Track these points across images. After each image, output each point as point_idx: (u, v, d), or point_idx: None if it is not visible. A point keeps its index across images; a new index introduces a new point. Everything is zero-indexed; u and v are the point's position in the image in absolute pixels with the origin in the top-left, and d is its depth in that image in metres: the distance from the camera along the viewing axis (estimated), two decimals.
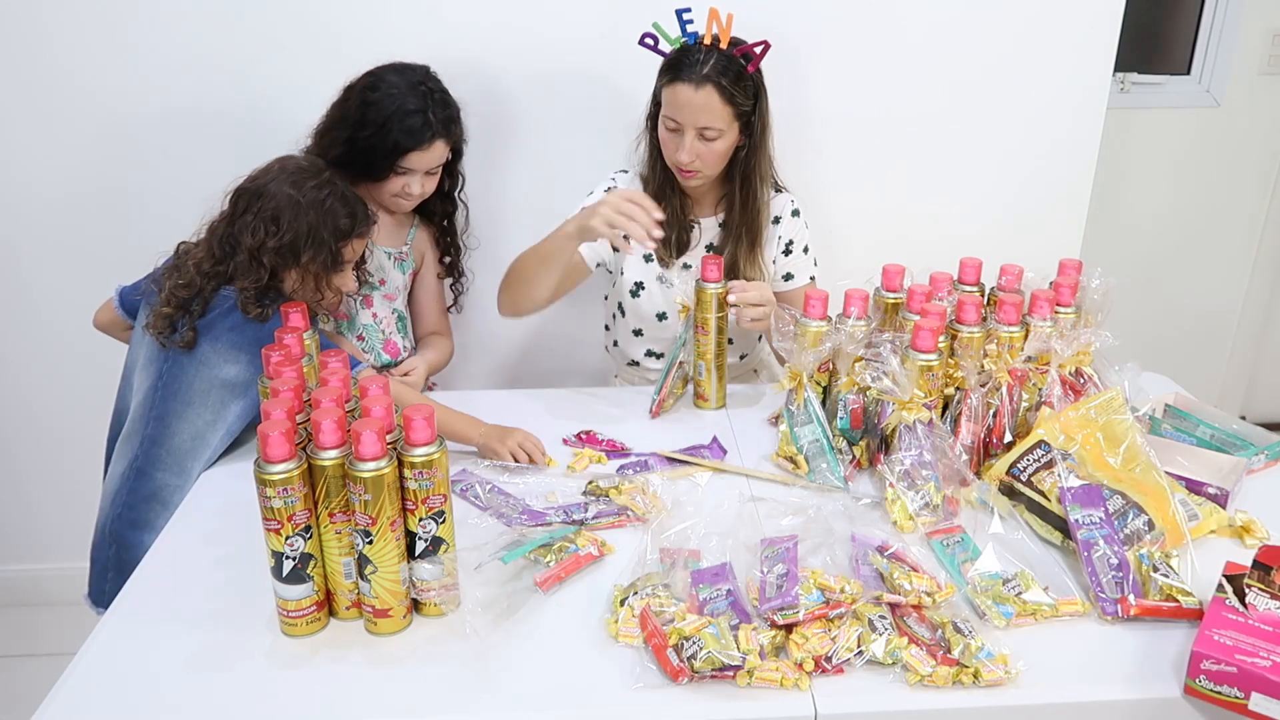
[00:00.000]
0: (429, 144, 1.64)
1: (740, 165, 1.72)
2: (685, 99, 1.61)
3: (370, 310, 1.78)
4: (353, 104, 1.63)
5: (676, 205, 1.76)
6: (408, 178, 1.67)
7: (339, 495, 1.05)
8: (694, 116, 1.61)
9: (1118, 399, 1.33)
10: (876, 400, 1.39)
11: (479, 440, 1.47)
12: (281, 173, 1.49)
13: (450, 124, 1.68)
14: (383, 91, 1.62)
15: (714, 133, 1.63)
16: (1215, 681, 0.97)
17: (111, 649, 1.08)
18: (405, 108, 1.61)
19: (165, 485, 1.46)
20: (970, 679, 1.00)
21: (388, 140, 1.61)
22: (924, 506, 1.29)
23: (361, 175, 1.65)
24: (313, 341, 1.35)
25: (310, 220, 1.46)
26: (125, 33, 1.88)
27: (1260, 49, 2.73)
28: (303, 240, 1.46)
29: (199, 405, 1.46)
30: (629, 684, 1.01)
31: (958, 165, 2.12)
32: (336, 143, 1.64)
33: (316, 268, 1.48)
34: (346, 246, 1.51)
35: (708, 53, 1.61)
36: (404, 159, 1.64)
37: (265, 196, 1.47)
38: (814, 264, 1.86)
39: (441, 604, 1.11)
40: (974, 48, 2.03)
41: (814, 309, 1.44)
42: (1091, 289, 1.46)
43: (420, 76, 1.66)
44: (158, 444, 1.46)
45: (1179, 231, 2.91)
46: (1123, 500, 1.22)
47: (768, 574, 1.12)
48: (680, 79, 1.61)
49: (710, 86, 1.60)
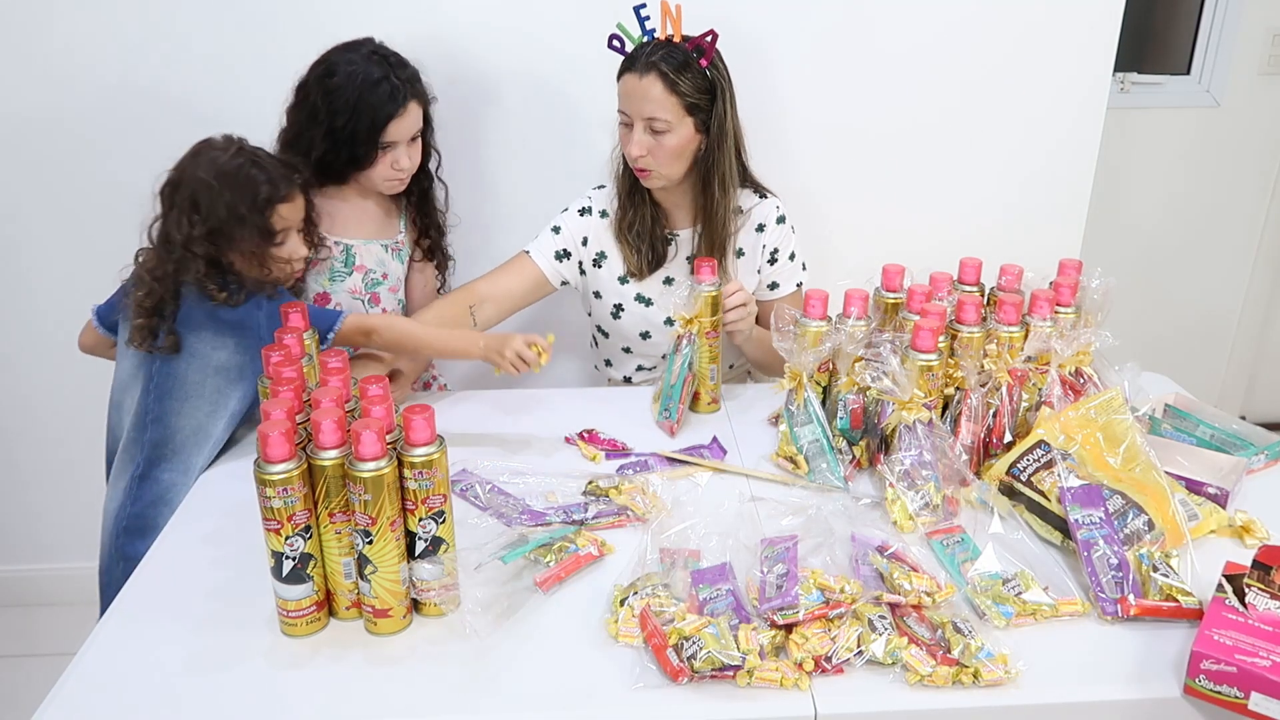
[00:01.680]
0: (404, 108, 1.60)
1: (701, 168, 1.69)
2: (630, 88, 1.62)
3: (379, 307, 1.77)
4: (315, 98, 1.60)
5: (647, 215, 1.75)
6: (394, 152, 1.64)
7: (339, 495, 1.05)
8: (640, 106, 1.61)
9: (1117, 399, 1.33)
10: (876, 400, 1.39)
11: (481, 355, 1.50)
12: (195, 157, 1.45)
13: (416, 83, 1.64)
14: (341, 74, 1.58)
15: (662, 124, 1.61)
16: (1215, 681, 0.97)
17: (111, 649, 1.08)
18: (370, 79, 1.57)
19: (172, 485, 1.45)
20: (970, 679, 1.00)
21: (364, 120, 1.58)
22: (924, 506, 1.29)
23: (350, 166, 1.63)
24: (312, 341, 1.35)
25: (227, 199, 1.41)
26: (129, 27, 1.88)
27: (1260, 49, 2.73)
28: (225, 221, 1.41)
29: (195, 398, 1.45)
30: (629, 684, 1.01)
31: (958, 165, 2.12)
32: (314, 143, 1.60)
33: (250, 245, 1.44)
34: (273, 215, 1.45)
35: (657, 45, 1.62)
36: (384, 133, 1.60)
37: (183, 185, 1.43)
38: (802, 268, 1.84)
39: (441, 604, 1.11)
40: (974, 48, 2.03)
41: (814, 309, 1.44)
42: (1091, 289, 1.46)
43: (371, 47, 1.63)
44: (160, 445, 1.45)
45: (1179, 231, 2.91)
46: (1123, 500, 1.22)
47: (768, 574, 1.12)
48: (627, 69, 1.63)
49: (654, 74, 1.59)
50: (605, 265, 1.80)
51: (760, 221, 1.79)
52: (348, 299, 1.74)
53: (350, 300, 1.74)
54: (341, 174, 1.64)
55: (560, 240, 1.79)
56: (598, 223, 1.79)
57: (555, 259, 1.79)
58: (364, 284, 1.75)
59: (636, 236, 1.75)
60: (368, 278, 1.75)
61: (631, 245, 1.76)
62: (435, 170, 1.80)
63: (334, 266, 1.72)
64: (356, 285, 1.74)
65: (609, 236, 1.79)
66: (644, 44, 1.64)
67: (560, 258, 1.79)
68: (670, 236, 1.78)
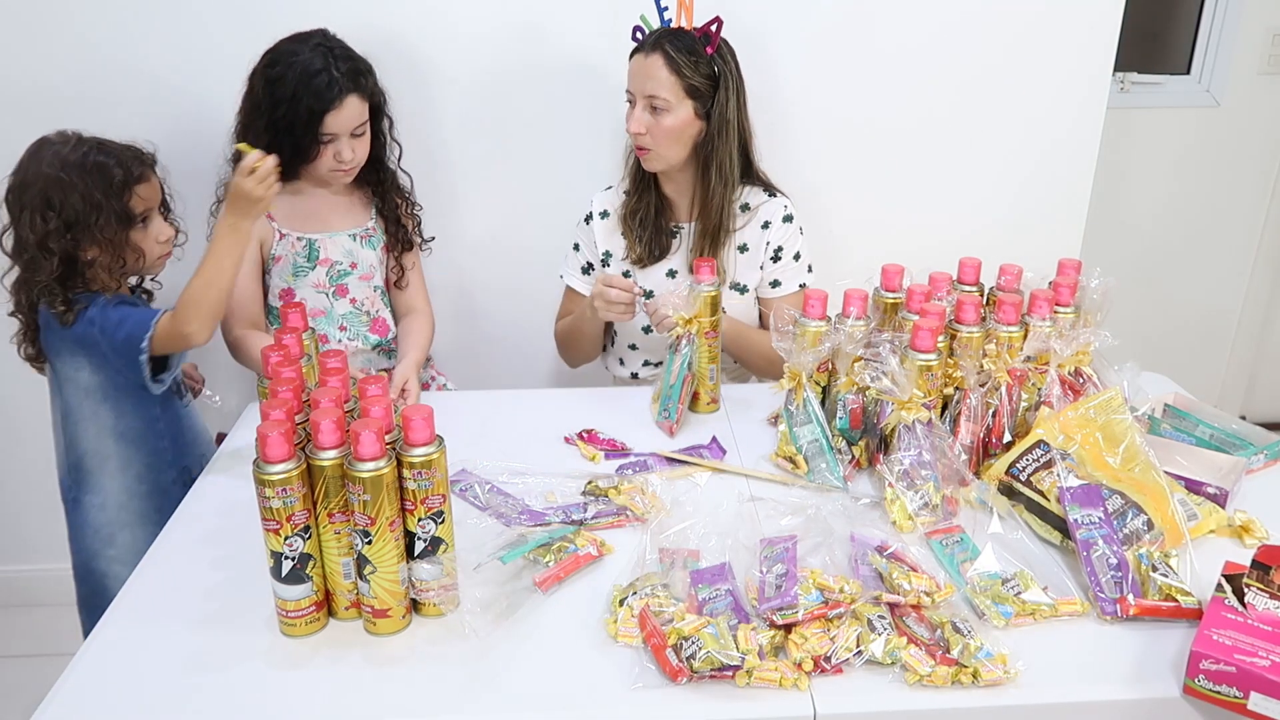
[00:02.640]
0: (340, 101, 1.60)
1: (700, 155, 1.73)
2: (637, 67, 1.68)
3: (347, 298, 1.77)
4: (258, 87, 1.61)
5: (651, 205, 1.79)
6: (335, 145, 1.64)
7: (338, 495, 1.05)
8: (642, 84, 1.66)
9: (1117, 399, 1.33)
10: (876, 400, 1.39)
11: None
12: (36, 156, 1.44)
13: (358, 76, 1.63)
14: (283, 64, 1.59)
15: (661, 102, 1.65)
16: (1214, 681, 0.97)
17: (111, 649, 1.08)
18: (309, 70, 1.58)
19: (92, 507, 1.45)
20: (969, 679, 1.00)
21: (301, 109, 1.58)
22: (923, 506, 1.29)
23: (294, 157, 1.62)
24: (312, 342, 1.35)
25: (81, 188, 1.40)
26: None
27: (1260, 49, 2.73)
28: (82, 212, 1.39)
29: (82, 421, 1.45)
30: (628, 684, 1.01)
31: (958, 165, 2.12)
32: (259, 133, 1.59)
33: (110, 232, 1.41)
34: (131, 198, 1.44)
35: (668, 30, 1.67)
36: (322, 125, 1.61)
37: (30, 185, 1.41)
38: (807, 270, 1.85)
39: (441, 604, 1.11)
40: (974, 48, 2.03)
41: (813, 309, 1.44)
42: (1091, 289, 1.46)
43: (318, 39, 1.63)
44: (75, 470, 1.46)
45: (1179, 231, 2.91)
46: (1122, 500, 1.21)
47: (767, 574, 1.12)
48: (636, 50, 1.68)
49: (658, 54, 1.65)
50: (611, 263, 1.84)
51: (766, 219, 1.81)
52: (312, 293, 1.74)
53: (314, 295, 1.74)
54: (289, 167, 1.62)
55: (581, 256, 1.87)
56: (599, 223, 1.85)
57: (584, 274, 1.87)
58: (328, 278, 1.74)
59: (640, 225, 1.79)
60: (332, 270, 1.75)
61: (635, 233, 1.79)
62: (397, 161, 1.80)
63: (296, 262, 1.72)
64: (320, 279, 1.74)
65: (613, 234, 1.84)
66: (661, 29, 1.69)
67: (586, 271, 1.86)
68: (675, 229, 1.81)
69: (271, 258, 1.72)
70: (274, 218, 1.70)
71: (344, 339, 1.77)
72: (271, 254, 1.72)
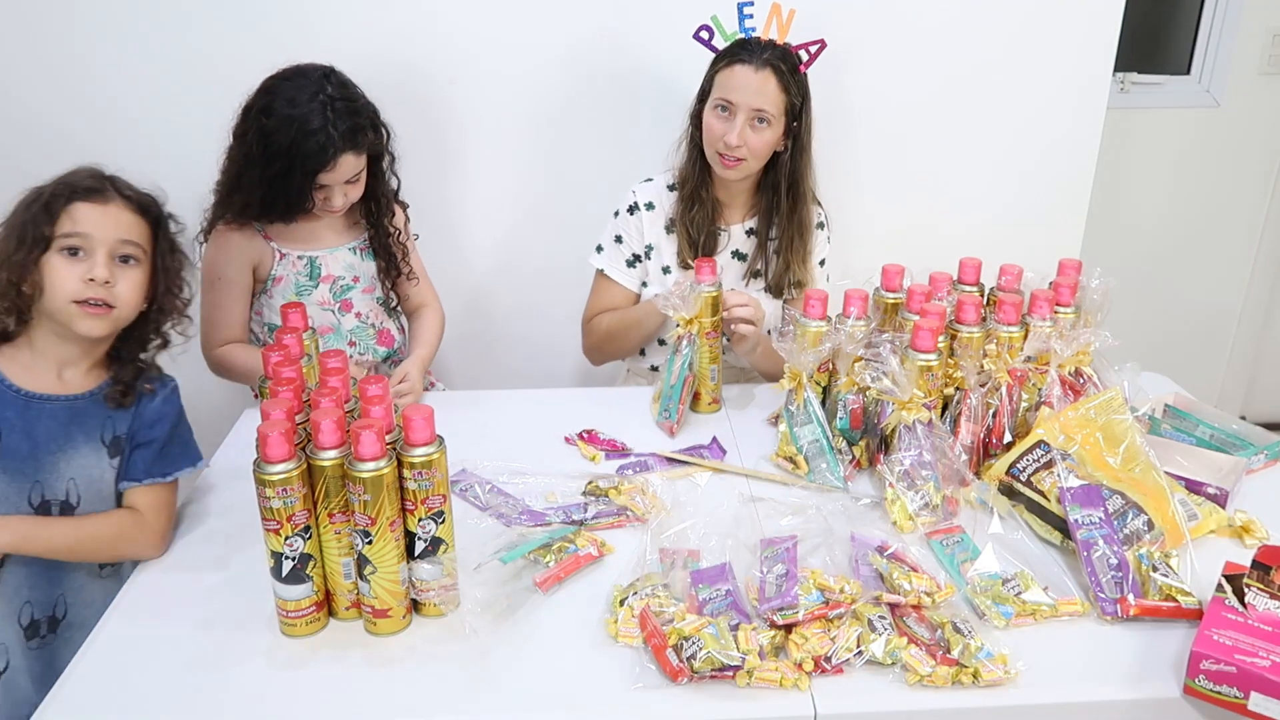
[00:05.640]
0: (334, 162, 1.54)
1: (785, 171, 1.75)
2: (743, 80, 1.66)
3: (352, 313, 1.74)
4: (253, 138, 1.55)
5: (709, 208, 1.78)
6: (327, 191, 1.60)
7: (338, 495, 1.05)
8: (750, 98, 1.65)
9: (1117, 399, 1.33)
10: (876, 400, 1.39)
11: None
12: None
13: (356, 134, 1.56)
14: (278, 115, 1.52)
15: (766, 119, 1.66)
16: (1215, 681, 0.97)
17: (112, 649, 1.08)
18: (306, 129, 1.51)
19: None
20: (970, 679, 1.00)
21: (295, 169, 1.54)
22: (923, 506, 1.29)
23: (292, 209, 1.60)
24: (312, 342, 1.34)
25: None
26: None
27: (1260, 49, 2.73)
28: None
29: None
30: (629, 684, 1.01)
31: (958, 165, 2.12)
32: (254, 185, 1.56)
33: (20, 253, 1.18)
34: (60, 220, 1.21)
35: (769, 43, 1.67)
36: (316, 179, 1.56)
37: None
38: (826, 279, 1.87)
39: (441, 604, 1.11)
40: (974, 48, 2.03)
41: (813, 309, 1.44)
42: (1091, 289, 1.46)
43: (316, 86, 1.54)
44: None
45: (1179, 231, 2.91)
46: (1122, 500, 1.21)
47: (767, 574, 1.12)
48: (740, 61, 1.67)
49: (770, 70, 1.65)
50: (653, 256, 1.83)
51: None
52: (318, 311, 1.70)
53: (321, 312, 1.71)
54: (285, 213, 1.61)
55: (626, 248, 1.83)
56: (645, 215, 1.83)
57: (628, 267, 1.83)
58: (332, 294, 1.71)
59: (696, 228, 1.78)
60: (335, 286, 1.72)
61: (690, 236, 1.79)
62: (395, 194, 1.75)
63: (299, 281, 1.69)
64: (324, 296, 1.71)
65: (657, 228, 1.82)
66: (755, 39, 1.69)
67: (632, 264, 1.84)
68: (721, 230, 1.82)
69: (271, 279, 1.68)
70: (272, 238, 1.67)
71: (354, 354, 1.74)
72: (272, 275, 1.68)
